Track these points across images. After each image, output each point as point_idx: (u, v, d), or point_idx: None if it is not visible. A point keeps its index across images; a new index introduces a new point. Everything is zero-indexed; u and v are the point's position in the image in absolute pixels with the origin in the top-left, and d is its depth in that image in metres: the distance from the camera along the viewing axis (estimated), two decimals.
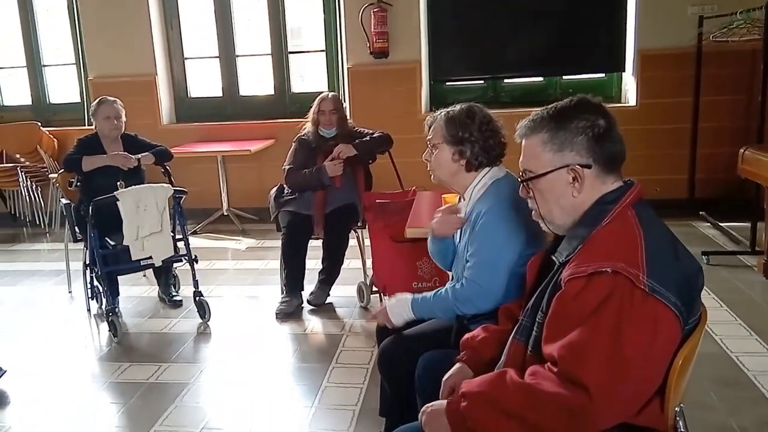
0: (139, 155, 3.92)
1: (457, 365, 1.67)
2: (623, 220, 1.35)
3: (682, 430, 1.34)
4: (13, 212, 6.19)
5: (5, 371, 3.03)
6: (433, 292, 2.03)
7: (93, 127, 4.03)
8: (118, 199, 3.49)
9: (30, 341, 3.62)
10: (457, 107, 2.11)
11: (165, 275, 4.09)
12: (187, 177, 6.04)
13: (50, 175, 5.50)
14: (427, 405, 1.44)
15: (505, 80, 6.01)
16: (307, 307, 3.88)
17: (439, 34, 5.80)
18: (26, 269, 4.91)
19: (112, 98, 4.03)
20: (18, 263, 5.08)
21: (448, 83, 6.07)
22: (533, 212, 1.50)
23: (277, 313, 3.80)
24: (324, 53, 6.15)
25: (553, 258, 1.43)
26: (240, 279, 4.53)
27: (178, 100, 6.42)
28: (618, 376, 1.21)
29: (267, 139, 5.88)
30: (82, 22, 6.09)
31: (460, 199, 2.19)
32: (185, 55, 6.36)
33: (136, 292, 4.24)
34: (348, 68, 5.88)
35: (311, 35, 6.33)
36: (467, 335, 1.73)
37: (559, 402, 1.24)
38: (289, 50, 6.24)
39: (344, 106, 5.95)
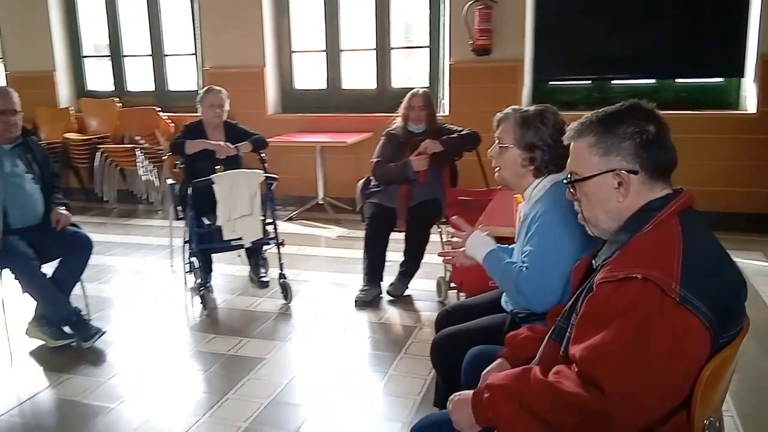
0: (238, 144, 4.17)
1: (498, 360, 1.71)
2: (665, 227, 1.33)
3: None
4: (131, 190, 6.76)
5: (104, 331, 3.36)
6: (509, 260, 2.07)
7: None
8: (214, 182, 3.75)
9: (133, 307, 3.98)
10: (531, 109, 2.12)
11: (255, 256, 4.34)
12: (287, 165, 6.33)
13: (164, 157, 5.96)
14: (455, 394, 1.49)
15: (613, 81, 5.81)
16: (386, 297, 3.99)
17: (545, 32, 5.71)
18: (137, 242, 5.37)
19: (218, 88, 4.31)
20: (131, 236, 5.57)
21: (551, 83, 5.95)
22: (578, 215, 1.51)
23: (356, 301, 3.93)
24: (428, 49, 6.23)
25: (593, 262, 1.43)
26: (327, 265, 4.72)
27: (284, 91, 6.72)
28: (637, 382, 1.21)
29: (365, 132, 6.04)
30: (202, 16, 6.52)
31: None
32: (293, 49, 6.65)
33: (229, 270, 4.52)
34: (450, 65, 5.92)
35: (415, 31, 6.43)
36: (512, 333, 1.75)
37: (576, 402, 1.26)
38: (391, 46, 6.38)
39: (442, 102, 6.07)
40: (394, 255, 4.05)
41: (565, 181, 1.52)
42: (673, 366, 1.21)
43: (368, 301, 3.93)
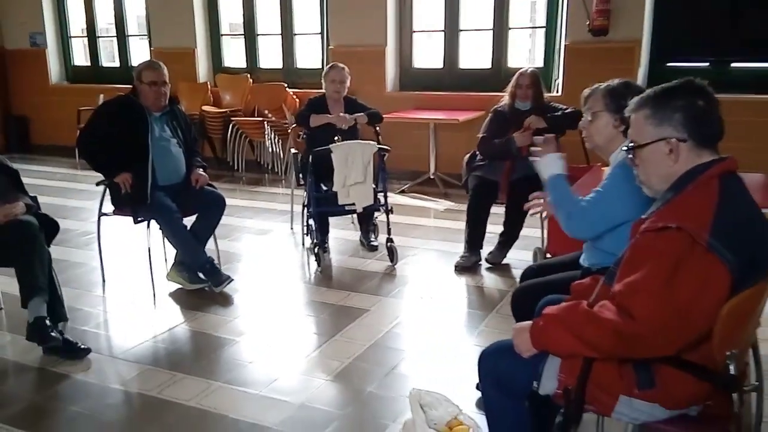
0: (355, 115, 4.56)
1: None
2: (706, 187, 1.54)
3: (733, 372, 1.50)
4: (258, 160, 7.41)
5: (232, 279, 3.87)
6: (572, 193, 2.38)
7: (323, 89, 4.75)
8: (332, 151, 4.15)
9: (257, 262, 4.50)
10: (615, 81, 2.33)
11: (366, 222, 4.72)
12: (402, 141, 6.67)
13: (289, 129, 6.49)
14: (518, 323, 1.76)
15: (733, 65, 5.60)
16: (484, 264, 4.25)
17: (665, 12, 5.61)
18: (262, 207, 5.94)
19: (341, 65, 4.70)
20: (257, 202, 6.16)
21: (669, 64, 5.84)
22: (637, 178, 1.72)
23: (456, 266, 4.22)
24: (544, 30, 6.30)
25: (643, 217, 1.64)
26: (432, 234, 5.03)
27: (403, 69, 7.05)
28: (665, 314, 1.47)
29: (477, 110, 6.24)
30: None
31: None
32: (413, 29, 6.95)
33: (343, 234, 4.93)
34: (565, 45, 5.97)
35: (531, 12, 6.51)
36: (577, 281, 1.99)
37: (612, 327, 1.53)
38: (509, 26, 6.51)
39: (557, 83, 6.14)
40: (495, 228, 4.28)
41: (624, 149, 1.73)
42: (697, 303, 1.44)
43: (467, 266, 4.20)
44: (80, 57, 8.84)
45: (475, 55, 6.86)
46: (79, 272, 4.18)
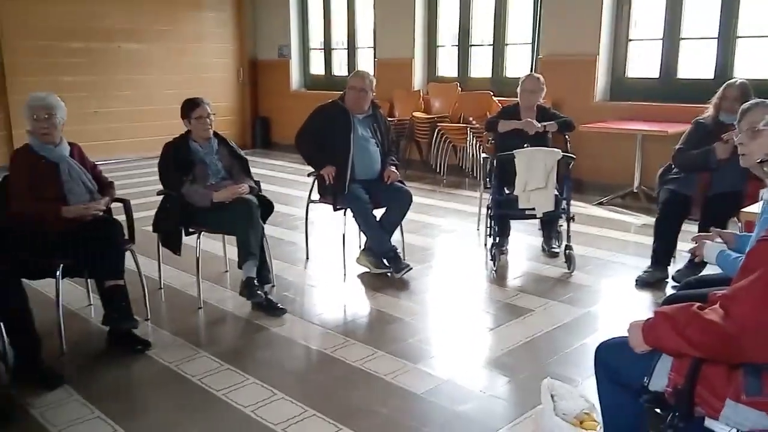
0: (545, 123, 4.72)
1: None
2: None
3: None
4: (460, 164, 7.81)
5: (411, 267, 4.29)
6: (735, 256, 2.31)
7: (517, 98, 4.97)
8: (515, 156, 4.38)
9: (440, 256, 4.89)
10: None
11: (548, 228, 4.85)
12: (604, 152, 6.62)
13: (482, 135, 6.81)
14: (634, 320, 1.93)
15: None
16: (671, 282, 4.13)
17: None
18: (456, 208, 6.32)
19: (536, 75, 4.90)
20: (452, 203, 6.55)
21: None
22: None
23: (636, 280, 4.17)
24: None
25: None
26: (623, 248, 4.96)
27: (614, 79, 6.95)
28: (760, 316, 1.53)
29: (690, 123, 5.94)
30: (543, 5, 7.13)
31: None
32: (630, 37, 6.82)
33: (527, 239, 5.11)
34: None
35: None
36: (714, 291, 2.02)
37: (713, 328, 1.63)
38: (737, 34, 6.10)
39: None
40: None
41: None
42: None
43: (650, 282, 4.13)
44: (317, 67, 10.05)
45: (696, 64, 6.51)
46: (288, 249, 4.95)
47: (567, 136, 4.84)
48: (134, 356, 3.21)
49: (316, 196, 4.58)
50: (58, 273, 3.15)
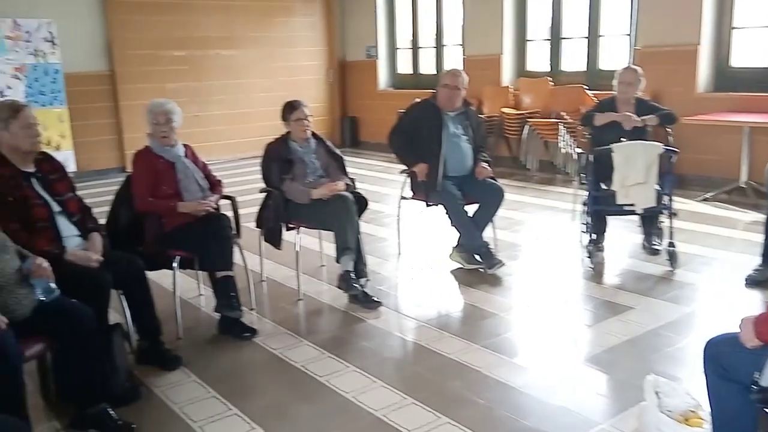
0: (644, 117, 4.63)
1: None
2: None
3: None
4: (551, 160, 7.73)
5: (503, 263, 4.34)
6: None
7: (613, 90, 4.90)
8: (613, 151, 4.33)
9: (532, 253, 4.90)
10: None
11: (649, 225, 4.75)
12: (708, 145, 6.40)
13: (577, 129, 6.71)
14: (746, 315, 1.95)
15: None
16: None
17: None
18: (548, 205, 6.28)
19: (634, 67, 4.82)
20: (544, 200, 6.51)
21: None
22: None
23: (746, 278, 4.04)
24: None
25: None
26: (731, 246, 4.79)
27: (718, 69, 6.70)
28: None
29: None
30: None
31: None
32: (733, 25, 6.56)
33: (626, 236, 5.02)
34: None
35: None
36: None
37: None
38: None
39: None
40: None
41: None
42: None
43: (760, 280, 3.99)
44: (404, 66, 10.21)
45: None
46: (382, 245, 5.11)
47: (669, 129, 4.73)
48: (242, 342, 3.45)
49: (408, 193, 4.70)
50: (174, 264, 3.43)
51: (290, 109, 4.07)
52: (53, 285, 2.57)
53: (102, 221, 3.33)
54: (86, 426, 2.64)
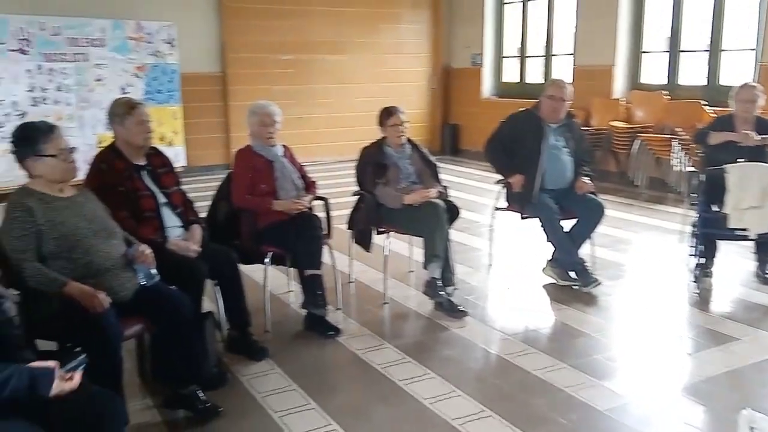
0: (765, 136, 4.38)
1: None
2: None
3: None
4: (662, 178, 7.41)
5: (600, 282, 4.22)
6: None
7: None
8: (726, 172, 4.13)
9: (633, 274, 4.73)
10: None
11: (764, 252, 4.48)
12: None
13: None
14: None
15: None
16: None
17: None
18: (655, 224, 6.02)
19: (753, 84, 4.57)
20: (651, 219, 6.24)
21: None
22: None
23: None
24: None
25: None
26: None
27: None
28: None
29: None
30: None
31: None
32: None
33: (737, 262, 4.75)
34: None
35: None
36: None
37: None
38: None
39: None
40: None
41: None
42: None
43: None
44: (510, 74, 10.13)
45: None
46: (474, 255, 5.10)
47: None
48: (326, 340, 3.57)
49: (503, 203, 4.68)
50: (266, 260, 3.61)
51: (387, 114, 4.17)
52: (154, 271, 2.77)
53: (203, 215, 3.56)
54: (177, 405, 2.83)
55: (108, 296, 2.54)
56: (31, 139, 2.59)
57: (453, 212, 4.12)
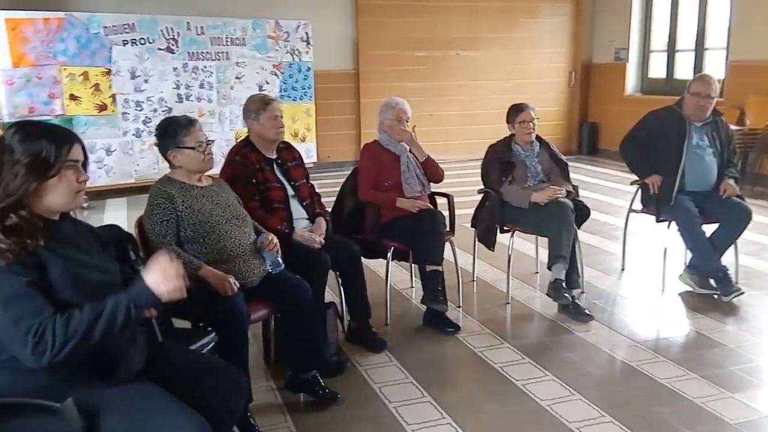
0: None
1: None
2: None
3: None
4: None
5: (743, 292, 4.00)
6: None
7: None
8: None
9: None
10: None
11: None
12: None
13: None
14: None
15: None
16: None
17: None
18: None
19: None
20: None
21: None
22: None
23: None
24: None
25: None
26: None
27: None
28: None
29: None
30: None
31: None
32: None
33: None
34: None
35: None
36: None
37: None
38: None
39: None
40: None
41: None
42: None
43: None
44: (657, 70, 9.69)
45: None
46: (604, 258, 4.99)
47: None
48: (445, 336, 3.67)
49: (638, 205, 4.55)
50: (389, 254, 3.77)
51: (516, 111, 4.19)
52: (280, 260, 3.00)
53: (329, 208, 3.78)
54: (298, 389, 3.05)
55: (237, 281, 2.78)
56: (172, 133, 2.87)
57: (583, 213, 4.07)
